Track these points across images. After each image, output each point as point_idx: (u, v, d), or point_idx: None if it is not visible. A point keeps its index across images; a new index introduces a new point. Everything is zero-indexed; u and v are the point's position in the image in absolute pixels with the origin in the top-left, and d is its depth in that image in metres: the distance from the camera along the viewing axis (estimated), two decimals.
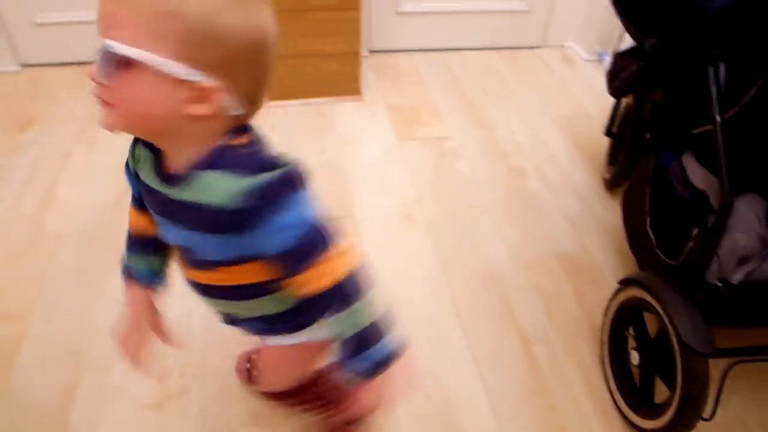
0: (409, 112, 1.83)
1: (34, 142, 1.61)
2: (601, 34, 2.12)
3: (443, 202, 1.49)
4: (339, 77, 1.80)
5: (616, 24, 2.04)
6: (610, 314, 1.08)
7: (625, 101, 1.42)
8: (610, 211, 1.48)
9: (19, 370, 1.06)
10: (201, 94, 0.52)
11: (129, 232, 0.71)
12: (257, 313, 0.70)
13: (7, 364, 1.07)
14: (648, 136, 1.23)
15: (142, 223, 0.70)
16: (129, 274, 0.72)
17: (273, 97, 1.81)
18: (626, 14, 1.20)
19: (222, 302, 0.70)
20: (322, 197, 0.61)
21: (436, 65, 2.10)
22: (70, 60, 1.95)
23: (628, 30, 1.21)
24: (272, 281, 0.61)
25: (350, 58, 1.77)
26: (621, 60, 1.31)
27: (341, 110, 1.81)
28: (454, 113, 1.83)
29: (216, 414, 1.01)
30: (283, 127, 1.73)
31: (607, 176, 1.53)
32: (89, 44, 0.67)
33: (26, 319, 1.15)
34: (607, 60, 2.10)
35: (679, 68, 1.09)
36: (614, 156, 1.51)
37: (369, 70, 1.97)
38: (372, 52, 2.12)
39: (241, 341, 0.97)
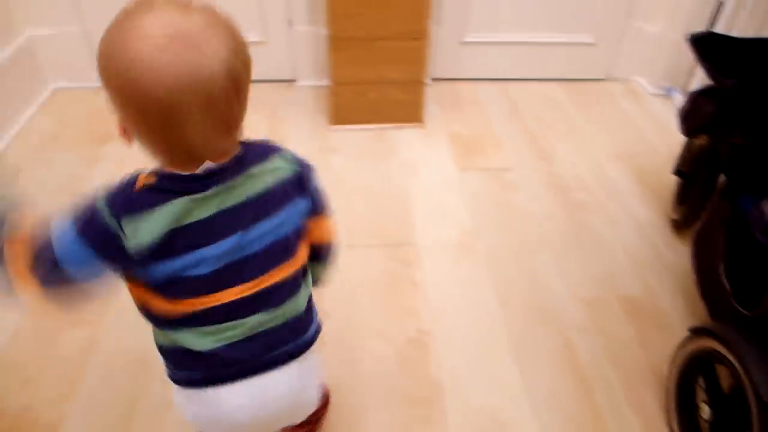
0: (470, 141, 1.83)
1: (111, 156, 1.70)
2: (669, 69, 2.07)
3: (502, 234, 1.47)
4: (402, 104, 1.82)
5: (685, 59, 2.01)
6: (678, 363, 1.04)
7: (697, 140, 1.38)
8: (676, 253, 1.43)
9: (88, 374, 1.11)
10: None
11: None
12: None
13: (79, 369, 1.11)
14: (723, 178, 1.19)
15: None
16: None
17: (337, 121, 1.85)
18: (705, 55, 1.17)
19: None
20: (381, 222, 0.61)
21: (498, 95, 2.10)
22: None
23: (706, 70, 1.18)
24: None
25: (415, 86, 1.79)
26: (696, 99, 1.27)
27: (403, 137, 1.83)
28: (515, 144, 1.82)
29: None
30: (345, 150, 1.76)
31: (675, 216, 1.48)
32: None
33: (97, 325, 1.20)
34: (676, 95, 2.05)
35: (762, 110, 1.06)
36: (683, 196, 1.46)
37: (430, 98, 1.99)
38: (433, 79, 2.14)
39: None
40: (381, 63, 1.72)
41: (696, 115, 1.28)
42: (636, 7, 2.03)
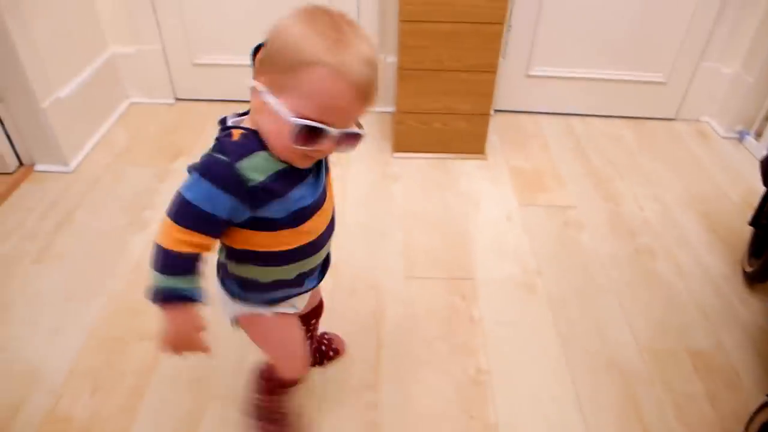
0: (531, 176, 1.81)
1: (181, 171, 1.75)
2: (743, 112, 2.01)
3: (565, 275, 1.44)
4: (466, 136, 1.83)
5: (761, 103, 1.94)
6: (755, 428, 0.99)
7: None
8: (749, 308, 1.37)
9: (153, 388, 1.14)
10: None
11: (187, 257, 0.68)
12: None
13: (144, 381, 1.15)
14: None
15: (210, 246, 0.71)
16: (172, 297, 0.70)
17: (400, 149, 1.87)
18: None
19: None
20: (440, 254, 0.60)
21: (561, 130, 2.07)
22: (219, 97, 2.14)
23: None
24: None
25: (479, 118, 1.79)
26: None
27: (464, 168, 1.83)
28: (578, 182, 1.79)
29: None
30: (408, 179, 1.77)
31: (749, 269, 1.42)
32: (239, 84, 0.77)
33: None
34: (749, 140, 1.98)
35: None
36: (759, 248, 1.40)
37: (492, 130, 1.98)
38: (496, 111, 2.13)
39: None
40: (448, 94, 1.73)
41: None
42: (711, 47, 1.98)
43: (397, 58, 1.70)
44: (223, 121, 0.73)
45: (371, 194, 1.70)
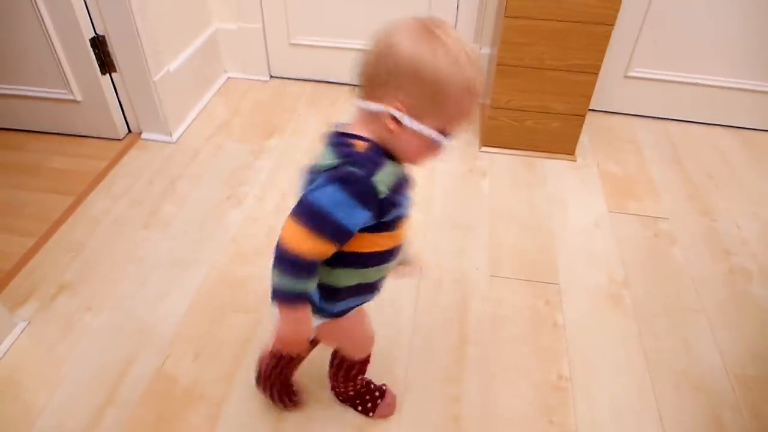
0: (623, 181, 1.77)
1: (275, 149, 1.83)
2: None
3: (654, 289, 1.41)
4: (557, 135, 1.80)
5: None
6: None
7: None
8: None
9: (249, 360, 1.21)
10: None
11: (313, 261, 0.70)
12: None
13: (241, 353, 1.23)
14: None
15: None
16: (298, 299, 0.73)
17: (488, 143, 1.86)
18: None
19: None
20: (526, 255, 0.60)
21: (656, 135, 2.00)
22: (311, 77, 2.19)
23: None
24: None
25: (574, 119, 1.76)
26: None
27: (552, 168, 1.81)
28: (672, 192, 1.73)
29: None
30: (495, 174, 1.77)
31: None
32: (331, 66, 0.79)
33: (258, 314, 1.31)
34: None
35: None
36: None
37: (583, 130, 1.93)
38: (587, 110, 2.08)
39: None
40: (545, 93, 1.71)
41: None
42: None
43: (497, 53, 1.69)
44: (338, 130, 0.73)
45: (459, 187, 1.71)
